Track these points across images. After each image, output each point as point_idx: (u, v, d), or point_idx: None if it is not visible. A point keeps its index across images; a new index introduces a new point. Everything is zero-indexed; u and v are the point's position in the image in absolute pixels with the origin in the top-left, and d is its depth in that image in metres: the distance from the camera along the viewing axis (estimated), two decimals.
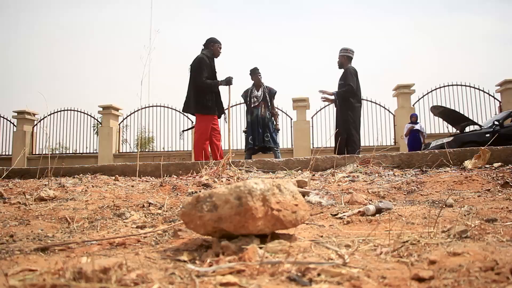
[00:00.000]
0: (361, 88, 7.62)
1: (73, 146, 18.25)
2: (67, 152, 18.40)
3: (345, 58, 7.57)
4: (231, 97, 6.94)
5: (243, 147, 9.01)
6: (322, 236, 1.66)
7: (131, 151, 18.42)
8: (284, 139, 16.91)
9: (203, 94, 6.50)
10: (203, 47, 6.81)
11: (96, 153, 17.56)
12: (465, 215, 1.88)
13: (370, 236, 1.62)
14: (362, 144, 15.59)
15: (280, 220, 1.46)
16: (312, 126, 16.94)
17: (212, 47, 6.75)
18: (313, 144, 16.59)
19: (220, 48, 6.81)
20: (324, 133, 16.70)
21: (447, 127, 14.01)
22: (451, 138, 10.93)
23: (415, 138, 13.13)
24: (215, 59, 6.80)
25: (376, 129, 16.92)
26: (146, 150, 19.46)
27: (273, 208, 1.44)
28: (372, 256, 1.34)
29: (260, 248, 1.42)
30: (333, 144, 8.65)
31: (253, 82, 8.60)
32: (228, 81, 6.71)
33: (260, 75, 8.51)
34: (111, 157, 17.00)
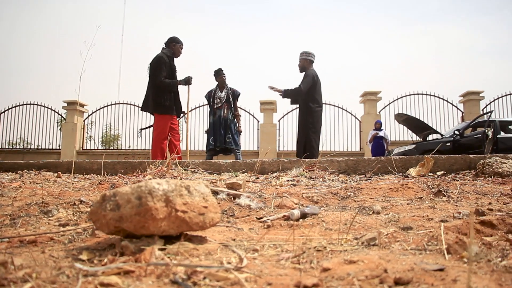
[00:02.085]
0: (321, 93, 7.65)
1: (37, 141, 17.86)
2: (30, 147, 17.96)
3: (306, 61, 7.57)
4: (190, 97, 6.89)
5: (205, 148, 8.97)
6: (235, 240, 1.64)
7: (96, 148, 18.13)
8: (250, 142, 16.94)
9: (161, 93, 6.39)
10: (164, 46, 6.71)
11: (60, 149, 17.20)
12: (385, 223, 1.90)
13: (283, 241, 1.61)
14: (328, 149, 15.84)
15: (185, 221, 1.43)
16: (279, 129, 17.00)
17: (173, 47, 6.64)
18: (279, 147, 16.64)
19: (181, 48, 6.70)
20: (290, 136, 16.79)
21: (411, 135, 14.24)
22: (413, 146, 11.13)
23: (379, 145, 13.33)
24: (175, 58, 6.72)
25: (342, 134, 17.12)
26: (111, 148, 19.14)
27: (177, 210, 1.41)
28: (272, 262, 1.33)
29: (162, 249, 1.39)
30: None
31: (217, 83, 8.57)
32: (187, 81, 6.63)
33: (224, 76, 8.47)
34: (74, 154, 16.67)
